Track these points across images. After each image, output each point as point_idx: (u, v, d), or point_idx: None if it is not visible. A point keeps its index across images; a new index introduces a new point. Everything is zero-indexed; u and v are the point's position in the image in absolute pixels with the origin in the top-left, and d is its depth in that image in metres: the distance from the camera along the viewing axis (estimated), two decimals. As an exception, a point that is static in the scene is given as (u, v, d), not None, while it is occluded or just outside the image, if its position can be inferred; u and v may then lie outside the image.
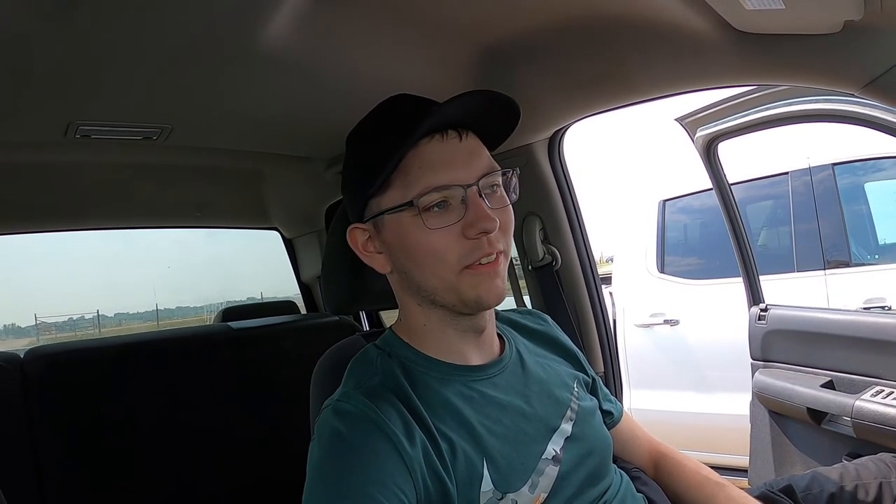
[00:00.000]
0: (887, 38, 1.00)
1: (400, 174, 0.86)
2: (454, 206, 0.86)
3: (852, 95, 1.15)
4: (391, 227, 0.89)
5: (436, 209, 0.85)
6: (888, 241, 3.02)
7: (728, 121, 1.89)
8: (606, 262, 4.39)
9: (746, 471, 2.04)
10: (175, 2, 1.00)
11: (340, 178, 1.00)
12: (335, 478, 0.77)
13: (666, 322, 3.34)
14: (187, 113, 1.47)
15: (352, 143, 0.96)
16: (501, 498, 0.84)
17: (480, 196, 0.85)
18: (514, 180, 0.93)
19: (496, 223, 0.85)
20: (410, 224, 0.86)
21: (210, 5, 1.03)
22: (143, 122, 1.46)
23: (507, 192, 0.92)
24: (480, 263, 0.86)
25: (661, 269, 3.48)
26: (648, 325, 3.42)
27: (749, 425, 2.00)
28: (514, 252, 1.77)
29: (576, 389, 1.02)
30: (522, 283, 1.83)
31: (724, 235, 2.14)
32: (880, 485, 1.17)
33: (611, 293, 3.59)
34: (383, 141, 0.86)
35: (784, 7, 0.96)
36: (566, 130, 1.67)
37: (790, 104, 1.70)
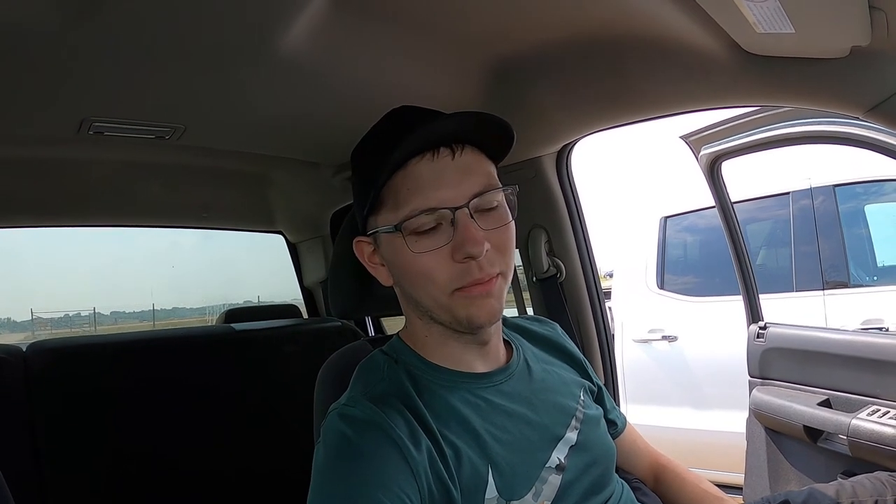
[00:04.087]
0: (893, 64, 1.02)
1: (390, 193, 0.86)
2: (444, 228, 0.85)
3: (856, 118, 1.17)
4: (386, 246, 0.90)
5: (425, 229, 0.85)
6: (887, 264, 3.03)
7: (732, 140, 1.91)
8: (606, 277, 4.40)
9: (741, 488, 2.05)
10: (196, 4, 1.02)
11: (346, 184, 1.01)
12: (340, 481, 0.78)
13: (664, 338, 3.36)
14: (201, 114, 1.48)
15: (354, 157, 0.97)
16: None
17: (472, 217, 0.84)
18: (514, 198, 0.92)
19: (484, 247, 0.83)
20: (401, 245, 0.86)
21: (231, 9, 1.05)
22: (157, 121, 1.47)
23: (509, 209, 0.91)
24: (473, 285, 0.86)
25: (661, 286, 3.49)
26: (647, 341, 3.43)
27: (745, 443, 2.01)
28: (518, 261, 1.78)
29: (582, 398, 1.02)
30: (526, 294, 1.84)
31: (724, 253, 2.15)
32: (875, 503, 1.18)
33: (610, 308, 3.60)
34: (375, 159, 0.86)
35: (794, 31, 0.98)
36: (574, 145, 1.69)
37: (794, 125, 1.72)
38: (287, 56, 1.20)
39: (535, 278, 1.74)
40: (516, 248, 0.93)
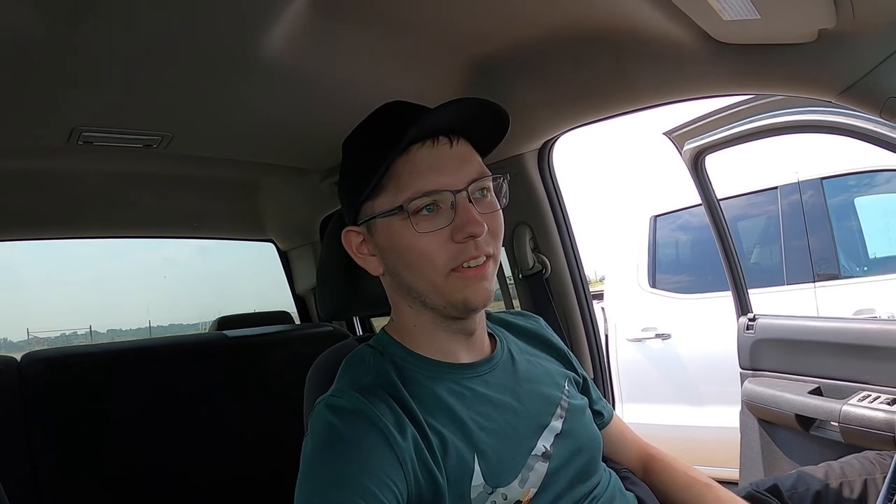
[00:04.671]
0: (860, 46, 1.04)
1: (391, 179, 0.89)
2: (444, 211, 0.88)
3: (830, 104, 1.18)
4: (383, 231, 0.92)
5: (425, 212, 0.88)
6: (879, 255, 3.04)
7: (714, 134, 1.93)
8: (600, 280, 4.42)
9: (737, 483, 2.05)
10: (180, 11, 1.03)
11: (335, 189, 1.03)
12: (328, 468, 0.79)
13: (657, 336, 3.36)
14: (187, 121, 1.50)
15: (347, 147, 0.99)
16: (492, 492, 0.86)
17: (470, 201, 0.88)
18: (505, 186, 0.96)
19: (484, 227, 0.87)
20: (401, 227, 0.89)
21: (214, 16, 1.07)
22: (145, 130, 1.49)
23: (497, 198, 0.94)
24: (469, 266, 0.89)
25: (653, 284, 3.50)
26: (640, 340, 3.43)
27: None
28: (504, 260, 1.79)
29: (567, 388, 1.04)
30: (516, 303, 1.85)
31: (715, 250, 2.15)
32: (865, 482, 1.19)
33: (603, 308, 3.61)
34: (375, 147, 0.89)
35: (760, 17, 1.00)
36: (555, 141, 1.71)
37: (775, 116, 1.74)
38: (269, 61, 1.22)
39: (520, 275, 1.75)
40: (502, 245, 0.95)
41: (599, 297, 3.67)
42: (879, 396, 1.60)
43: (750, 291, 2.11)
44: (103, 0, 0.98)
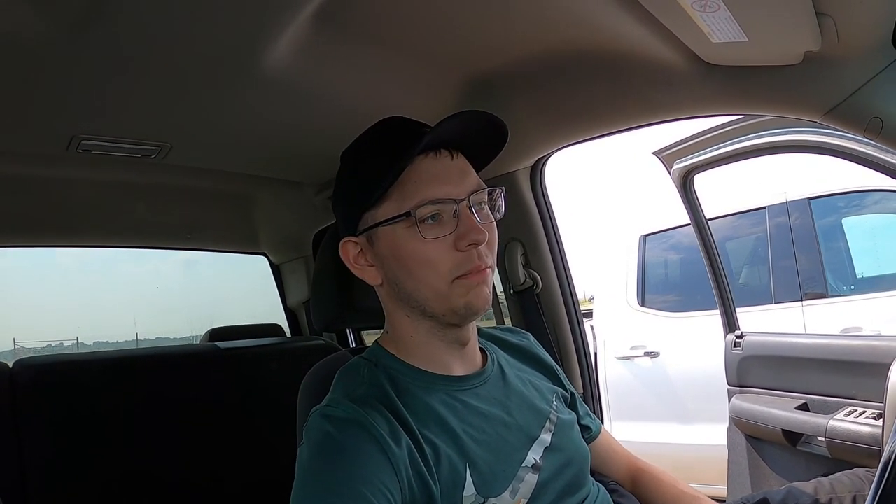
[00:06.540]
0: (844, 68, 1.08)
1: (396, 188, 0.90)
2: (446, 220, 0.90)
3: (816, 124, 1.21)
4: (385, 239, 0.93)
5: (429, 221, 0.90)
6: (866, 275, 3.08)
7: (703, 153, 1.96)
8: (589, 300, 4.44)
9: (724, 501, 2.05)
10: (183, 22, 1.05)
11: (329, 204, 1.04)
12: (324, 475, 0.80)
13: (646, 354, 3.38)
14: (187, 132, 1.51)
15: (348, 158, 1.00)
16: (483, 502, 0.87)
17: (471, 210, 0.90)
18: (500, 200, 0.98)
19: (486, 235, 0.90)
20: (405, 235, 0.90)
21: (217, 28, 1.08)
22: (144, 140, 1.50)
23: (492, 211, 0.97)
24: (472, 273, 0.91)
25: (642, 303, 3.53)
26: (629, 358, 3.45)
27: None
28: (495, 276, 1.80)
29: (555, 403, 1.05)
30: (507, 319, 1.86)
31: (703, 269, 2.18)
32: (854, 498, 1.19)
33: (592, 327, 3.63)
34: (382, 156, 0.91)
35: (747, 40, 1.03)
36: (548, 159, 1.73)
37: (762, 136, 1.77)
38: (270, 75, 1.23)
39: (512, 291, 1.76)
40: None
41: (588, 315, 3.69)
42: (865, 411, 1.62)
43: (738, 310, 2.14)
44: (106, 9, 0.99)
